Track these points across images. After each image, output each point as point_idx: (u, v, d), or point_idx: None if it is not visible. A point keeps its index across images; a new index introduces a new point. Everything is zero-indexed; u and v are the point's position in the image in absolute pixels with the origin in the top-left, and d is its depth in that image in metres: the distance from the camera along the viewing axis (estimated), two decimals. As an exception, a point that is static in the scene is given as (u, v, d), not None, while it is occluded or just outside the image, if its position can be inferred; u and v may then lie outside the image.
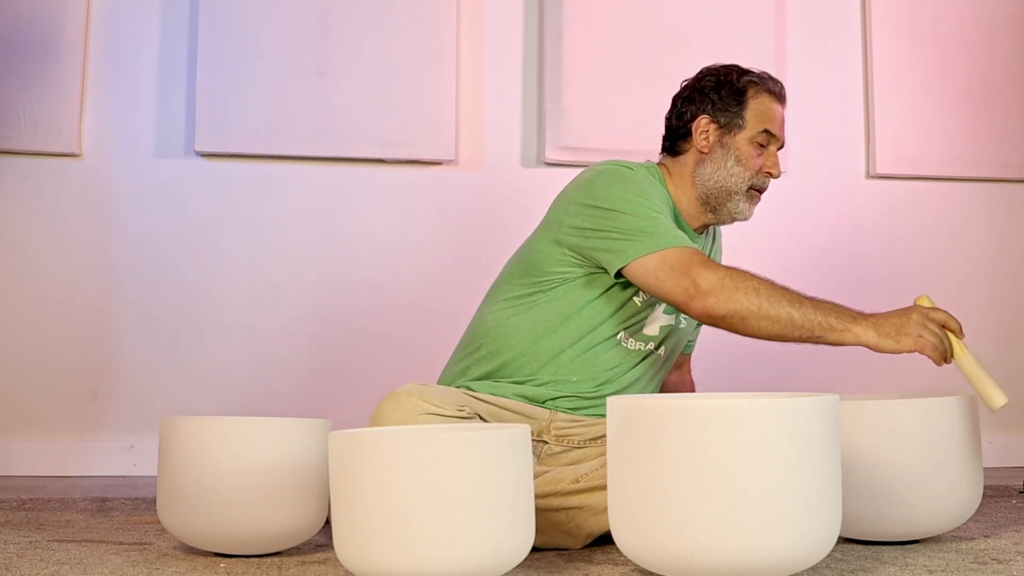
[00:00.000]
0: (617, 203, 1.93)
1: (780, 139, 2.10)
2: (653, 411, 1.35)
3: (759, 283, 1.84)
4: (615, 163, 2.05)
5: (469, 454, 1.33)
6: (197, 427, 1.70)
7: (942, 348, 1.78)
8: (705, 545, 1.31)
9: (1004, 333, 3.52)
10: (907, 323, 1.77)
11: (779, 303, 1.81)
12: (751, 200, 2.09)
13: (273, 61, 3.19)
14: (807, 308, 1.81)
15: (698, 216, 2.10)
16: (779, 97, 2.10)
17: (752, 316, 1.81)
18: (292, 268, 3.23)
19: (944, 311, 1.80)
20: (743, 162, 2.05)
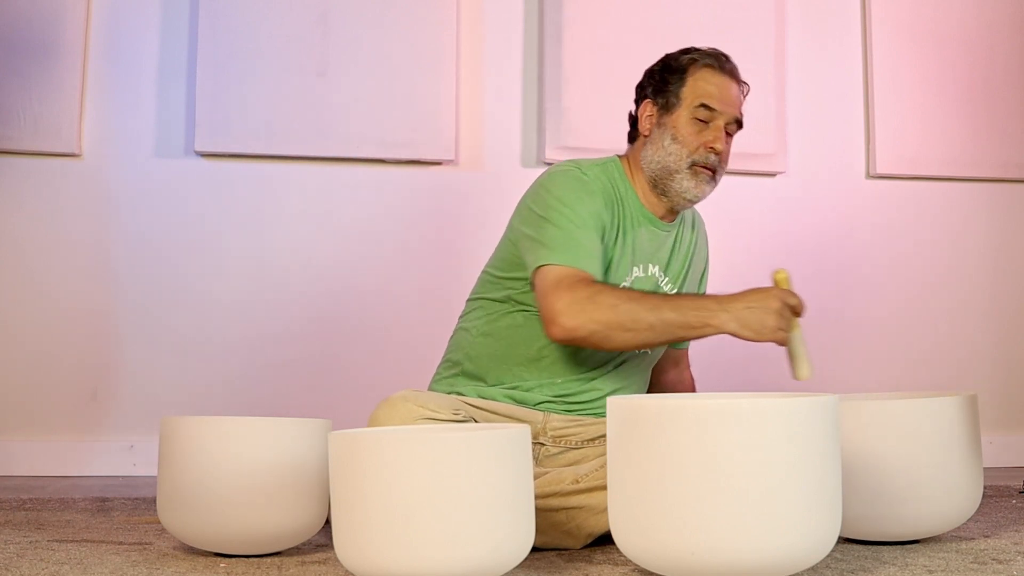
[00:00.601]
0: (545, 209, 1.96)
1: (725, 113, 2.02)
2: (653, 411, 1.35)
3: (617, 298, 1.83)
4: (570, 163, 2.05)
5: (469, 454, 1.33)
6: (197, 427, 1.70)
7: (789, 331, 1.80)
8: (705, 545, 1.31)
9: (1004, 333, 3.52)
10: (768, 316, 1.77)
11: (637, 313, 1.80)
12: (696, 177, 2.01)
13: (273, 61, 3.19)
14: (665, 311, 1.80)
15: (656, 202, 2.07)
16: (723, 70, 2.05)
17: (613, 331, 1.81)
18: (292, 268, 3.23)
19: (798, 297, 1.81)
20: (680, 139, 2.01)
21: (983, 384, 3.39)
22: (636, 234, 2.04)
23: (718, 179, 2.05)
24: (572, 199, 1.96)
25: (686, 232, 2.17)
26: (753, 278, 3.38)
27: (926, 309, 3.48)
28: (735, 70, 2.07)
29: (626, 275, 2.03)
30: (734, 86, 2.05)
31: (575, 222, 1.93)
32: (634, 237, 2.04)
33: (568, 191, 1.97)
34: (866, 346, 3.44)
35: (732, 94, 2.04)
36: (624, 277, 2.03)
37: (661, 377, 2.26)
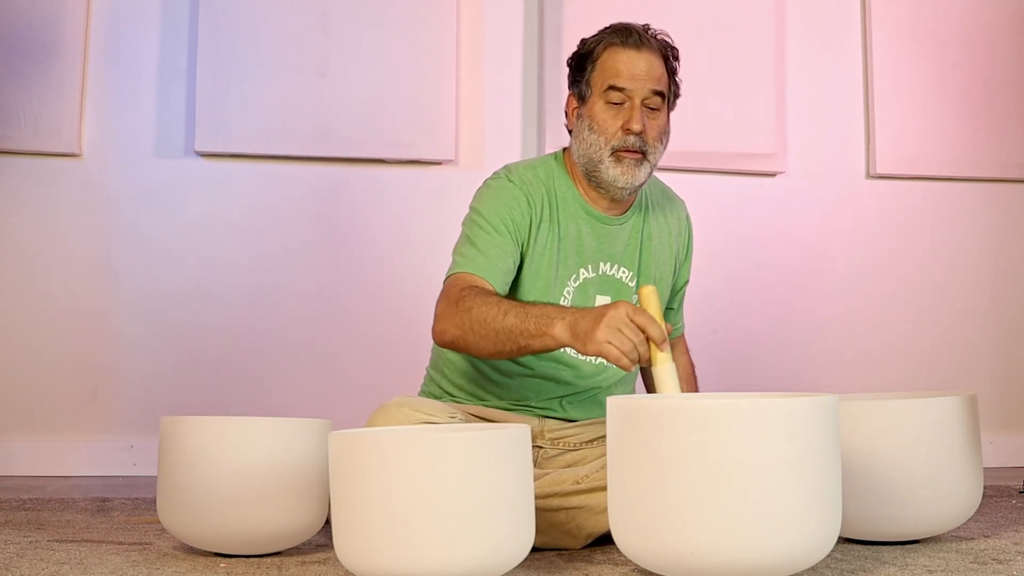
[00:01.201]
0: (466, 222, 1.96)
1: (637, 89, 1.91)
2: (653, 411, 1.35)
3: (475, 303, 1.76)
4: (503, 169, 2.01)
5: (469, 454, 1.33)
6: (197, 427, 1.70)
7: (634, 354, 1.60)
8: (705, 545, 1.31)
9: (1004, 333, 3.52)
10: (597, 327, 1.60)
11: (486, 318, 1.73)
12: (620, 163, 1.92)
13: (273, 61, 3.19)
14: (511, 317, 1.71)
15: (597, 197, 1.99)
16: (627, 44, 1.94)
17: (469, 336, 1.76)
18: (292, 268, 3.23)
19: (653, 322, 1.61)
20: (596, 128, 1.93)
21: (983, 384, 3.39)
22: (578, 234, 1.98)
23: (652, 158, 1.94)
24: (487, 207, 1.93)
25: (651, 220, 2.07)
26: (753, 278, 3.41)
27: (926, 309, 3.48)
28: (644, 39, 1.95)
29: (570, 278, 1.97)
30: (645, 57, 1.93)
31: (484, 229, 1.91)
32: (576, 237, 1.97)
33: (485, 200, 1.95)
34: (866, 346, 3.44)
35: (642, 68, 1.92)
36: (567, 280, 1.97)
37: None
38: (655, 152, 1.95)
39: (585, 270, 1.98)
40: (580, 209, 1.99)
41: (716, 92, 3.33)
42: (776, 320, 3.40)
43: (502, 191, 1.95)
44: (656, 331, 1.60)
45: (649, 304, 1.67)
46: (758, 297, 3.39)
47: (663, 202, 2.13)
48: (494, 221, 1.91)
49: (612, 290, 2.01)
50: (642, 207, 2.07)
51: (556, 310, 1.71)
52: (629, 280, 2.02)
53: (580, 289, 1.98)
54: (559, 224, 1.97)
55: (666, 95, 1.96)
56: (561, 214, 1.97)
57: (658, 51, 1.96)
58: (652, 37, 1.98)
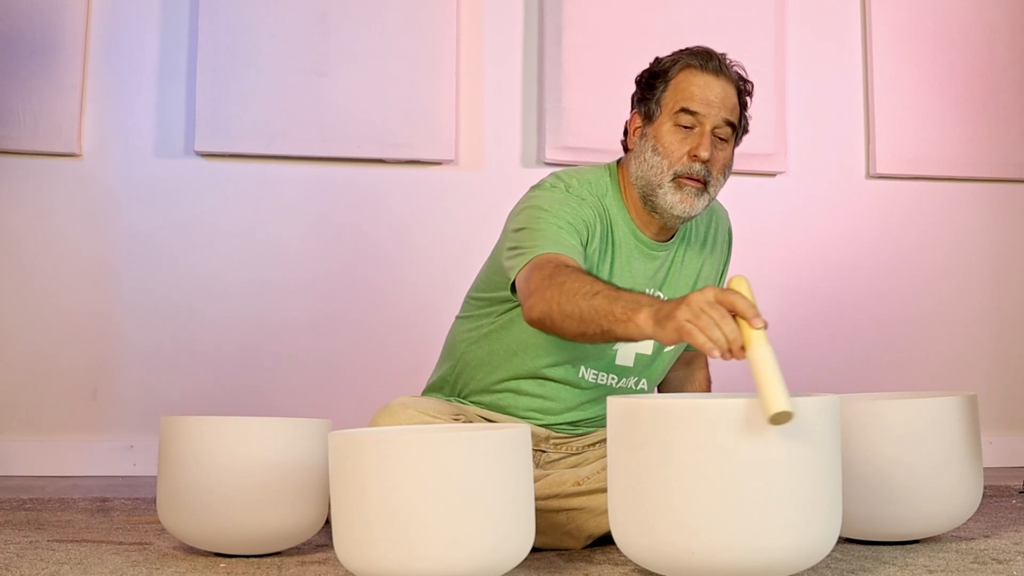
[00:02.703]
0: (527, 220, 1.82)
1: (710, 116, 1.85)
2: (653, 411, 1.35)
3: (566, 277, 1.64)
4: (556, 179, 1.91)
5: (469, 454, 1.33)
6: (197, 427, 1.70)
7: (721, 337, 1.40)
8: (705, 545, 1.31)
9: (1004, 333, 3.52)
10: (678, 308, 1.44)
11: (575, 297, 1.60)
12: (680, 190, 1.84)
13: (273, 61, 3.19)
14: (599, 299, 1.58)
15: (649, 220, 1.91)
16: (706, 69, 1.87)
17: (556, 315, 1.63)
18: (292, 268, 3.23)
19: (739, 294, 1.43)
20: (661, 150, 1.85)
21: (983, 384, 3.39)
22: (629, 258, 1.92)
23: (713, 190, 1.87)
24: (554, 207, 1.84)
25: (694, 243, 2.02)
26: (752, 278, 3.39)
27: (926, 309, 3.48)
28: (723, 67, 1.88)
29: None
30: (722, 85, 1.87)
31: (556, 224, 1.80)
32: (627, 260, 1.91)
33: (551, 201, 1.85)
34: (866, 346, 3.44)
35: (717, 94, 1.86)
36: None
37: (669, 374, 2.16)
38: (716, 184, 1.88)
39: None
40: (630, 233, 1.92)
41: (716, 92, 3.32)
42: (776, 320, 3.36)
43: (566, 199, 1.85)
44: (744, 305, 1.41)
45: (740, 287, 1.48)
46: (758, 297, 3.37)
47: (708, 220, 2.06)
48: (567, 218, 1.81)
49: None
50: (686, 231, 2.00)
51: (647, 298, 1.58)
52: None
53: None
54: (613, 245, 1.90)
55: (736, 127, 1.90)
56: (615, 235, 1.90)
57: (732, 81, 1.90)
58: (730, 66, 1.91)
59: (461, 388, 2.01)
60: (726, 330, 1.40)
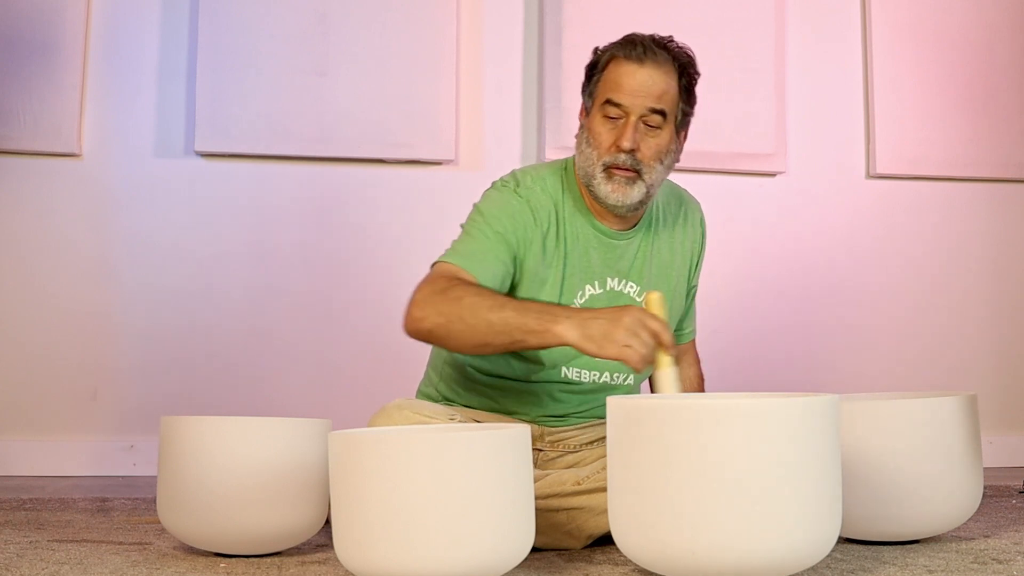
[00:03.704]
0: (467, 221, 1.92)
1: (634, 105, 1.84)
2: (653, 411, 1.35)
3: (466, 292, 1.72)
4: (511, 178, 1.95)
5: (469, 454, 1.33)
6: (197, 427, 1.70)
7: (650, 358, 1.62)
8: (705, 545, 1.31)
9: (1004, 333, 3.52)
10: (616, 329, 1.59)
11: (479, 310, 1.69)
12: (611, 180, 1.85)
13: (273, 61, 3.19)
14: (507, 312, 1.68)
15: (604, 211, 1.92)
16: (630, 58, 1.85)
17: (453, 326, 1.70)
18: (292, 268, 3.23)
19: (663, 324, 1.62)
20: (592, 141, 1.87)
21: (983, 384, 3.39)
22: (585, 250, 1.92)
23: (649, 178, 1.86)
24: (491, 212, 1.88)
25: (662, 232, 2.02)
26: (753, 278, 3.41)
27: (926, 309, 3.48)
28: (649, 54, 1.85)
29: (576, 294, 1.91)
30: (647, 72, 1.84)
31: (483, 232, 1.86)
32: (583, 253, 1.92)
33: (490, 205, 1.90)
34: (866, 346, 3.44)
35: (642, 83, 1.84)
36: (573, 296, 1.91)
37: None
38: (651, 172, 1.87)
39: (592, 286, 1.93)
40: (587, 224, 1.93)
41: (716, 92, 3.32)
42: (776, 320, 3.40)
43: (509, 202, 1.90)
44: (668, 336, 1.62)
45: (659, 310, 1.67)
46: (758, 297, 3.39)
47: (677, 210, 2.06)
48: (496, 227, 1.86)
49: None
50: (652, 219, 2.00)
51: (561, 308, 1.69)
52: (637, 295, 1.96)
53: (588, 305, 1.92)
54: (565, 240, 1.91)
55: (668, 114, 1.87)
56: (567, 229, 1.92)
57: (665, 66, 1.87)
58: (664, 50, 1.88)
59: (446, 392, 2.02)
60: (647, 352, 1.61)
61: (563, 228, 1.92)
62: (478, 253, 1.84)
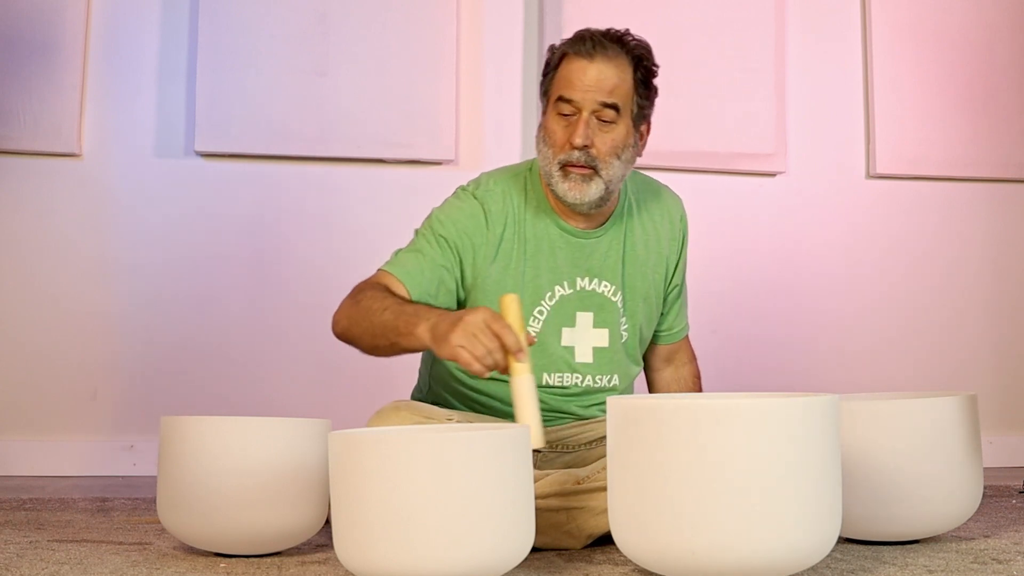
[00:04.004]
0: (421, 224, 1.95)
1: (585, 100, 1.82)
2: (653, 411, 1.35)
3: (365, 296, 1.78)
4: (472, 183, 1.96)
5: (469, 454, 1.33)
6: (197, 427, 1.70)
7: (490, 360, 1.56)
8: (705, 545, 1.31)
9: (1004, 333, 3.52)
10: (454, 329, 1.57)
11: (370, 314, 1.74)
12: (567, 178, 1.83)
13: (273, 61, 3.19)
14: (388, 314, 1.72)
15: (569, 210, 1.90)
16: (580, 54, 1.84)
17: (354, 329, 1.78)
18: (292, 268, 3.23)
19: (510, 330, 1.57)
20: (548, 140, 1.86)
21: (983, 384, 3.39)
22: (551, 249, 1.91)
23: (606, 174, 1.84)
24: (441, 218, 1.91)
25: (636, 228, 1.98)
26: (753, 278, 3.40)
27: (926, 309, 3.48)
28: (599, 48, 1.84)
29: (544, 295, 1.90)
30: (597, 67, 1.83)
31: (427, 239, 1.89)
32: (549, 253, 1.91)
33: (443, 210, 1.93)
34: (866, 346, 3.44)
35: (592, 77, 1.82)
36: (541, 298, 1.90)
37: (654, 375, 2.17)
38: (608, 167, 1.84)
39: (561, 287, 1.91)
40: (552, 224, 1.92)
41: (716, 92, 3.33)
42: (776, 320, 3.40)
43: (462, 206, 1.91)
44: (511, 339, 1.56)
45: (508, 312, 1.60)
46: (758, 297, 3.39)
47: (652, 205, 2.03)
48: (441, 231, 1.89)
49: (594, 305, 1.94)
50: (624, 215, 1.98)
51: (427, 310, 1.71)
52: (612, 294, 1.94)
53: (558, 306, 1.92)
54: (526, 241, 1.90)
55: (622, 107, 1.85)
56: (529, 230, 1.91)
57: (617, 59, 1.85)
58: (617, 43, 1.87)
59: (435, 397, 2.02)
60: (496, 357, 1.56)
61: (524, 229, 1.91)
62: (415, 261, 1.87)
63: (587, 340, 1.93)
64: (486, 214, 1.90)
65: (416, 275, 1.86)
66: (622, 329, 1.97)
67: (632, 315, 1.98)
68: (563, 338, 1.92)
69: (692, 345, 2.21)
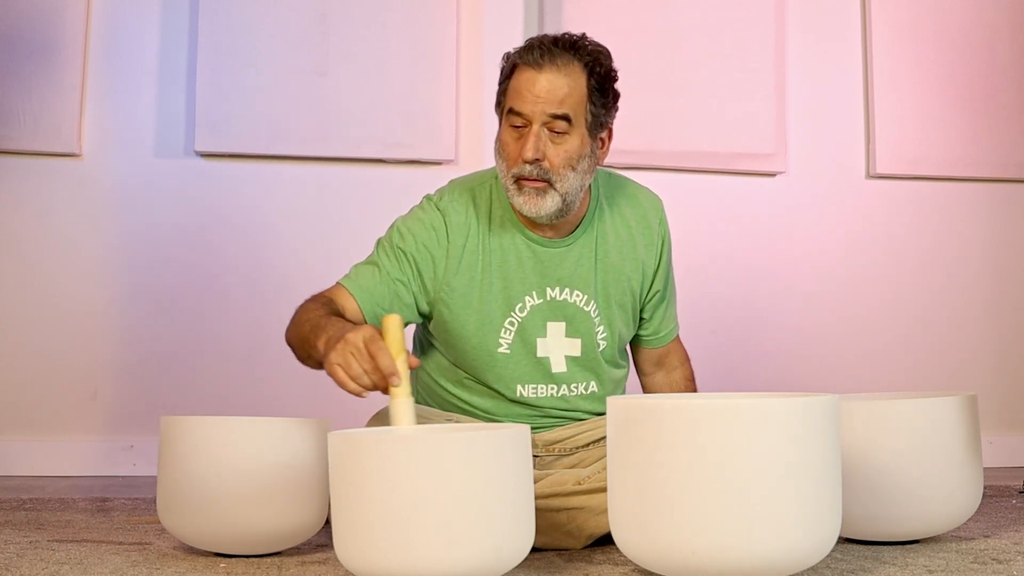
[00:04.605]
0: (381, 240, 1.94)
1: (535, 114, 1.76)
2: (653, 411, 1.35)
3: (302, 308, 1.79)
4: (438, 193, 1.94)
5: (469, 454, 1.33)
6: (197, 427, 1.70)
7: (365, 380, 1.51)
8: (705, 545, 1.31)
9: (1004, 333, 3.52)
10: (333, 347, 1.54)
11: (298, 326, 1.75)
12: (521, 192, 1.79)
13: (273, 61, 3.19)
14: (306, 328, 1.71)
15: (531, 221, 1.87)
16: (529, 64, 1.78)
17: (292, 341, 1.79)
18: (292, 268, 3.22)
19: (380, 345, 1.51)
20: (501, 152, 1.83)
21: (983, 384, 3.39)
22: (518, 260, 1.88)
23: (562, 187, 1.79)
24: (401, 229, 1.90)
25: (608, 234, 1.94)
26: (753, 278, 3.40)
27: (926, 309, 3.48)
28: (548, 57, 1.77)
29: (514, 306, 1.88)
30: (547, 77, 1.76)
31: (385, 251, 1.90)
32: (516, 264, 1.88)
33: (405, 223, 1.91)
34: (866, 346, 3.44)
35: (542, 88, 1.76)
36: (511, 308, 1.88)
37: (646, 380, 2.15)
38: (563, 180, 1.78)
39: (531, 297, 1.88)
40: (518, 234, 1.88)
41: (716, 92, 3.33)
42: (776, 320, 3.40)
43: (423, 218, 1.90)
44: (385, 362, 1.49)
45: (387, 334, 1.54)
46: (757, 297, 3.39)
47: (626, 209, 1.97)
48: (400, 245, 1.88)
49: (565, 316, 1.90)
50: (595, 221, 1.93)
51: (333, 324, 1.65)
52: (584, 304, 1.90)
53: (530, 317, 1.89)
54: (491, 252, 1.87)
55: (574, 117, 1.78)
56: (495, 241, 1.88)
57: (567, 67, 1.78)
58: (570, 50, 1.79)
59: (422, 402, 2.02)
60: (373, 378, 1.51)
61: (488, 241, 1.88)
62: (367, 275, 1.88)
63: (560, 349, 1.90)
64: (447, 226, 1.88)
65: (368, 290, 1.86)
66: (599, 338, 1.93)
67: (610, 323, 1.95)
68: (538, 349, 1.90)
69: (685, 346, 2.18)
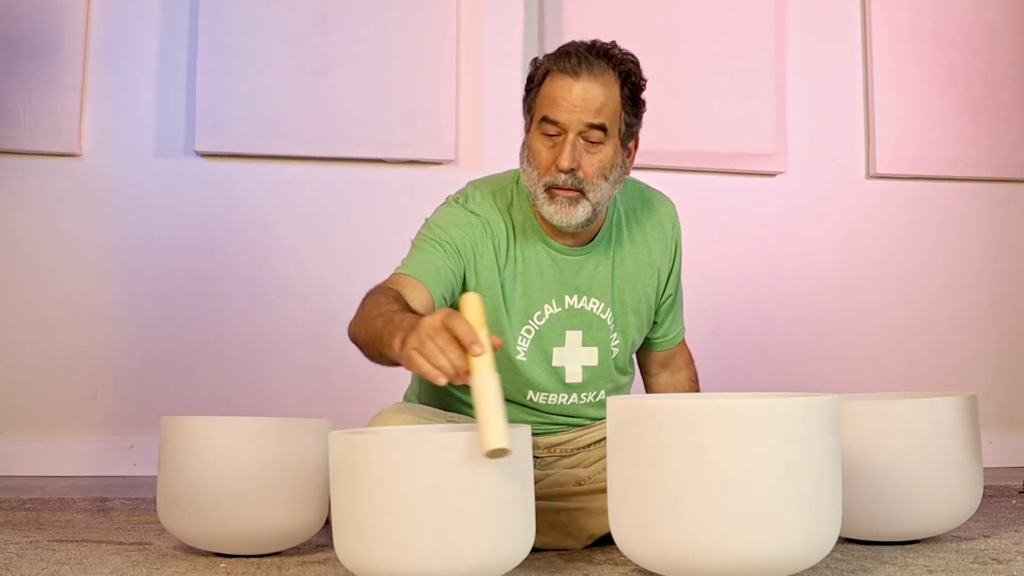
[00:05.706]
0: (416, 236, 1.87)
1: (571, 122, 1.74)
2: (653, 411, 1.35)
3: (369, 299, 1.66)
4: (460, 194, 1.89)
5: (469, 454, 1.33)
6: (197, 427, 1.70)
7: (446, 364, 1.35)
8: (705, 545, 1.31)
9: (1004, 333, 3.52)
10: (412, 334, 1.40)
11: (365, 320, 1.60)
12: (553, 200, 1.77)
13: (273, 61, 3.19)
14: (378, 322, 1.56)
15: (552, 227, 1.84)
16: (565, 71, 1.75)
17: (358, 337, 1.63)
18: (292, 268, 3.23)
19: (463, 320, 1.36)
20: (531, 160, 1.80)
21: (983, 384, 3.39)
22: (539, 267, 1.86)
23: (594, 196, 1.77)
24: (438, 224, 1.84)
25: (625, 241, 1.93)
26: (753, 278, 3.40)
27: (926, 309, 3.48)
28: (585, 65, 1.75)
29: (533, 314, 1.85)
30: (583, 86, 1.74)
31: (431, 239, 1.82)
32: (537, 272, 1.86)
33: (440, 217, 1.85)
34: (866, 346, 3.44)
35: (577, 96, 1.74)
36: (530, 316, 1.85)
37: (651, 380, 2.14)
38: (596, 189, 1.77)
39: (550, 305, 1.86)
40: (539, 241, 1.86)
41: (716, 92, 3.33)
42: (776, 320, 3.40)
43: (459, 215, 1.85)
44: (464, 330, 1.35)
45: (466, 309, 1.42)
46: (758, 297, 3.39)
47: (643, 216, 1.96)
48: (444, 238, 1.81)
49: (583, 324, 1.89)
50: (613, 229, 1.92)
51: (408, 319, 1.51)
52: (601, 312, 1.89)
53: (548, 326, 1.87)
54: (516, 260, 1.85)
55: (609, 127, 1.77)
56: (517, 248, 1.85)
57: (604, 76, 1.76)
58: (604, 58, 1.77)
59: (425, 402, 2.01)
60: (451, 357, 1.35)
61: (514, 247, 1.86)
62: (422, 259, 1.80)
63: (577, 359, 1.89)
64: (485, 226, 1.84)
65: (431, 273, 1.77)
66: (612, 345, 1.93)
67: (624, 330, 1.94)
68: (554, 358, 1.88)
69: (689, 348, 2.18)
